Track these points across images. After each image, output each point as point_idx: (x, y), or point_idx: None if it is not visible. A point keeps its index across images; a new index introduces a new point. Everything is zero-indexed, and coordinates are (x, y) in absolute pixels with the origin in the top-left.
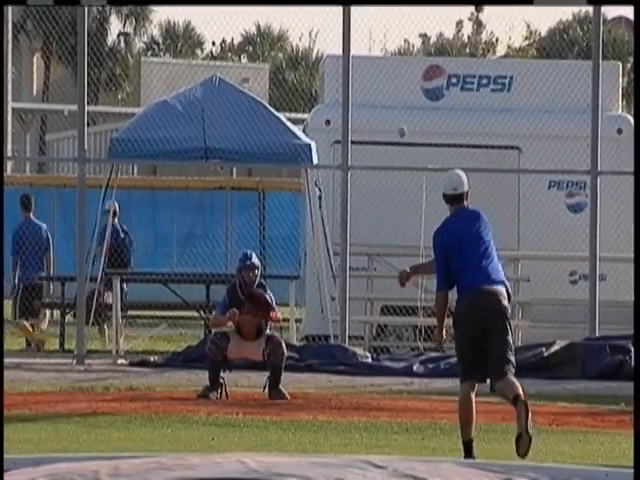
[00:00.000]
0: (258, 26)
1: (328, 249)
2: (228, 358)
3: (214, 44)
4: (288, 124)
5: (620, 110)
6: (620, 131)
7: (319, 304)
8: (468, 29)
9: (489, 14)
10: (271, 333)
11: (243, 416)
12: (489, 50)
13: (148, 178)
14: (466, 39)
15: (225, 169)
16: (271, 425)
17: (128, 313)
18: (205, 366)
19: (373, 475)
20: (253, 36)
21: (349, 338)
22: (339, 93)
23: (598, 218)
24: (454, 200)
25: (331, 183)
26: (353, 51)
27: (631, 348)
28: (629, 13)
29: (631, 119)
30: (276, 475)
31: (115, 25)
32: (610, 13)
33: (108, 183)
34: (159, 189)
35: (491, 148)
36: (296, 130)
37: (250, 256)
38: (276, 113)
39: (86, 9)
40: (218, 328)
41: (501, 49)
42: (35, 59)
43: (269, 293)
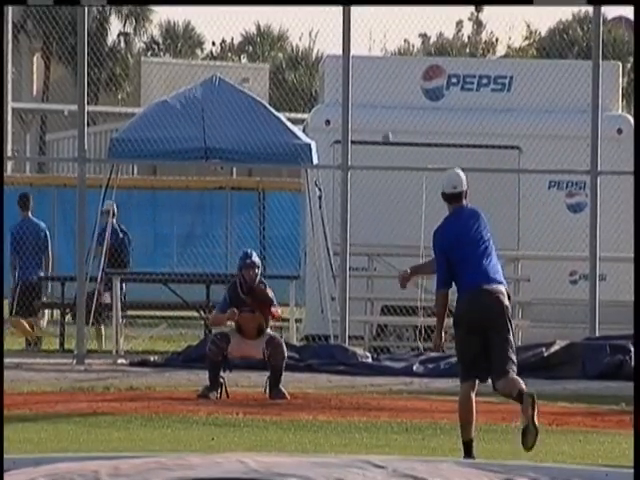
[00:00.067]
0: (258, 26)
1: (328, 249)
2: (229, 357)
3: (214, 44)
4: (288, 124)
5: (620, 110)
6: (620, 131)
7: (319, 304)
8: (468, 29)
9: (489, 14)
10: (272, 334)
11: (243, 416)
12: (489, 50)
13: (148, 178)
14: (466, 39)
15: (225, 169)
16: (271, 425)
17: (128, 313)
18: (205, 366)
19: (373, 475)
20: (253, 36)
21: (349, 338)
22: (339, 93)
23: (598, 218)
24: (453, 199)
25: (331, 183)
26: (353, 51)
27: (631, 348)
28: (629, 13)
29: (631, 119)
30: (276, 475)
31: (115, 25)
32: (610, 13)
33: (108, 183)
34: (159, 189)
35: (491, 148)
36: (296, 130)
37: (251, 255)
38: (276, 113)
39: (86, 9)
40: (217, 326)
41: (501, 49)
42: (35, 59)
43: (269, 290)
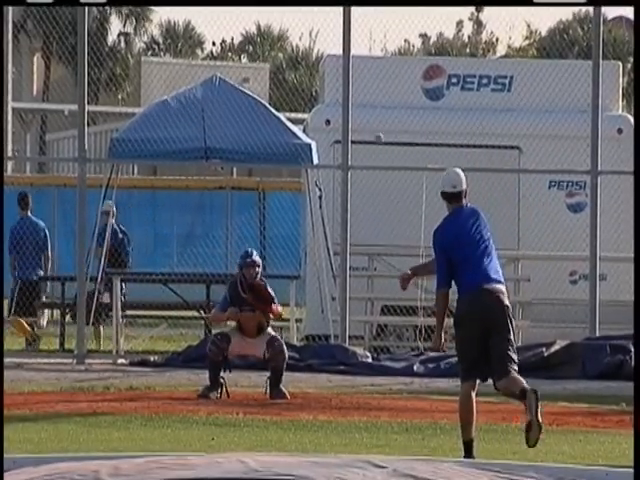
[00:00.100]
0: (258, 26)
1: (328, 249)
2: (229, 358)
3: (214, 44)
4: (288, 124)
5: (620, 110)
6: (620, 131)
7: (319, 304)
8: (468, 29)
9: (489, 14)
10: (274, 335)
11: (243, 416)
12: (489, 50)
13: (148, 178)
14: (466, 39)
15: (225, 169)
16: (271, 425)
17: (128, 313)
18: (205, 366)
19: (373, 475)
20: (253, 36)
21: (349, 338)
22: (339, 93)
23: (598, 218)
24: (452, 198)
25: (331, 183)
26: (353, 51)
27: (631, 348)
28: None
29: (631, 119)
30: (276, 475)
31: (115, 25)
32: (610, 13)
33: (108, 183)
34: (159, 189)
35: (491, 148)
36: (296, 130)
37: (251, 253)
38: (276, 113)
39: (86, 9)
40: (216, 324)
41: (501, 49)
42: (35, 59)
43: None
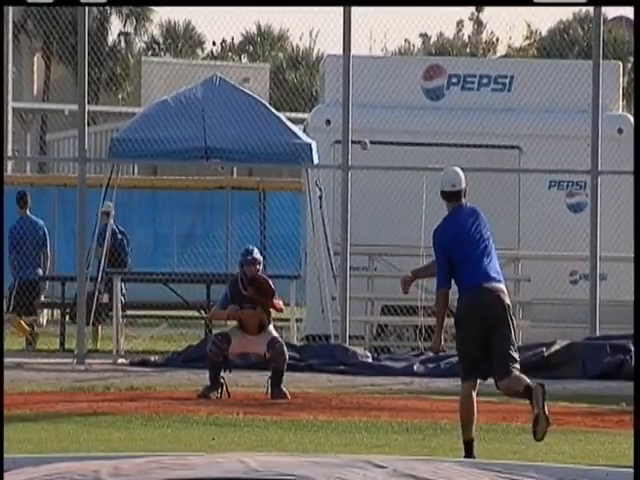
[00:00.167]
0: (258, 26)
1: (328, 249)
2: (229, 358)
3: (214, 44)
4: (288, 124)
5: (620, 110)
6: (620, 131)
7: (320, 304)
8: (468, 29)
9: (489, 14)
10: (275, 335)
11: (243, 416)
12: (489, 50)
13: (148, 178)
14: (466, 39)
15: (225, 169)
16: (272, 425)
17: (128, 313)
18: (205, 366)
19: (374, 475)
20: (253, 36)
21: (349, 338)
22: (339, 93)
23: (598, 218)
24: (452, 197)
25: (331, 183)
26: (353, 51)
27: (631, 348)
28: (629, 13)
29: (631, 119)
30: (277, 475)
31: (115, 25)
32: (610, 13)
33: (108, 183)
34: (159, 189)
35: (491, 148)
36: (296, 130)
37: (252, 251)
38: (277, 113)
39: (86, 9)
40: (216, 322)
41: (501, 49)
42: (35, 59)
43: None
